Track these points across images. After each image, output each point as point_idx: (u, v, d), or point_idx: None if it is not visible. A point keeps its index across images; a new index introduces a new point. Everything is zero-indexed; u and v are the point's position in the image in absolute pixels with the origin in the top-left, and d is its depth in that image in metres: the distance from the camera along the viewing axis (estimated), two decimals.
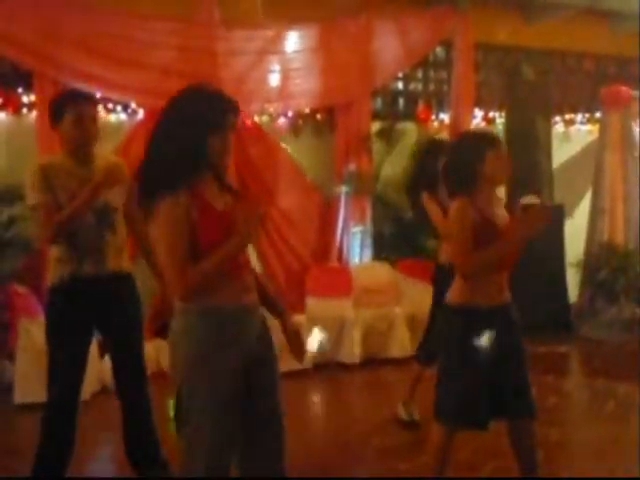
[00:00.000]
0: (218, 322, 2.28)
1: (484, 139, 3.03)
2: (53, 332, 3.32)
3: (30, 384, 4.74)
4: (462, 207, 2.93)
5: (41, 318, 4.13)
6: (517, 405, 2.97)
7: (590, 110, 8.25)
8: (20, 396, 4.89)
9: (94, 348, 3.53)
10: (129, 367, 3.46)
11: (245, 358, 2.32)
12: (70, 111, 3.21)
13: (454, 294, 3.01)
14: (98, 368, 4.84)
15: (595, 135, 7.98)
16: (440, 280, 4.30)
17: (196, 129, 2.27)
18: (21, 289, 5.25)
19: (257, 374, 2.37)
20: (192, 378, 2.27)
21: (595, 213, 7.60)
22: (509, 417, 2.98)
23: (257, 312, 2.41)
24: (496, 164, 2.95)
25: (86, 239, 3.24)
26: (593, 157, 7.75)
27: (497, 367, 2.91)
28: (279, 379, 2.47)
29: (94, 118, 3.31)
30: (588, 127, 8.35)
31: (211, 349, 2.26)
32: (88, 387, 4.93)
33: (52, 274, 3.31)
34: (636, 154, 7.54)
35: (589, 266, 7.44)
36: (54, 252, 3.28)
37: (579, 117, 8.33)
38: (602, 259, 7.34)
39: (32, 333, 4.88)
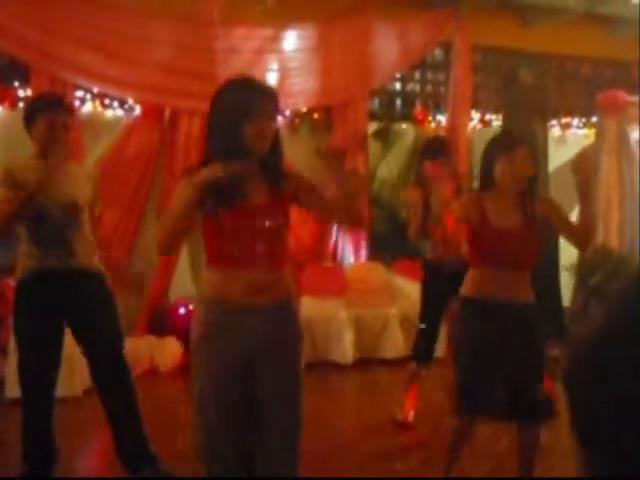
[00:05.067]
0: (217, 317, 2.31)
1: (498, 144, 3.03)
2: (19, 328, 3.33)
3: None
4: (468, 200, 3.07)
5: None
6: (526, 410, 2.96)
7: (587, 114, 8.27)
8: (12, 390, 4.86)
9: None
10: (105, 366, 3.43)
11: (241, 357, 2.32)
12: (42, 117, 3.27)
13: (467, 285, 3.07)
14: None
15: (591, 139, 8.00)
16: (427, 277, 4.31)
17: (230, 117, 2.33)
18: (13, 283, 5.19)
19: (260, 377, 2.37)
20: (194, 362, 2.37)
21: None
22: (518, 421, 2.98)
23: (262, 313, 2.35)
24: (506, 169, 2.93)
25: (50, 234, 3.25)
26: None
27: (510, 365, 2.91)
28: (289, 380, 2.47)
29: (65, 124, 3.35)
30: (584, 131, 8.36)
31: (207, 341, 2.31)
32: (80, 383, 4.93)
33: (18, 269, 3.34)
34: (632, 159, 7.56)
35: (583, 270, 7.45)
36: (22, 247, 3.31)
37: (575, 121, 8.34)
38: (596, 263, 7.35)
39: None
